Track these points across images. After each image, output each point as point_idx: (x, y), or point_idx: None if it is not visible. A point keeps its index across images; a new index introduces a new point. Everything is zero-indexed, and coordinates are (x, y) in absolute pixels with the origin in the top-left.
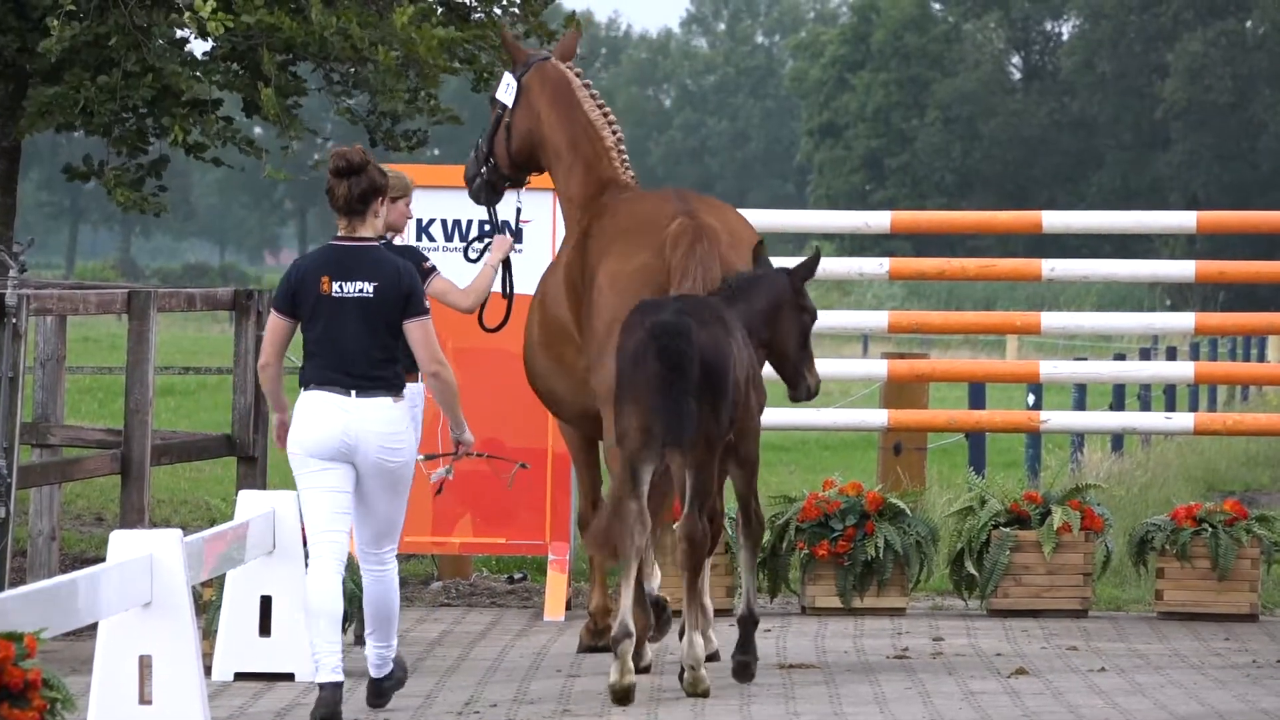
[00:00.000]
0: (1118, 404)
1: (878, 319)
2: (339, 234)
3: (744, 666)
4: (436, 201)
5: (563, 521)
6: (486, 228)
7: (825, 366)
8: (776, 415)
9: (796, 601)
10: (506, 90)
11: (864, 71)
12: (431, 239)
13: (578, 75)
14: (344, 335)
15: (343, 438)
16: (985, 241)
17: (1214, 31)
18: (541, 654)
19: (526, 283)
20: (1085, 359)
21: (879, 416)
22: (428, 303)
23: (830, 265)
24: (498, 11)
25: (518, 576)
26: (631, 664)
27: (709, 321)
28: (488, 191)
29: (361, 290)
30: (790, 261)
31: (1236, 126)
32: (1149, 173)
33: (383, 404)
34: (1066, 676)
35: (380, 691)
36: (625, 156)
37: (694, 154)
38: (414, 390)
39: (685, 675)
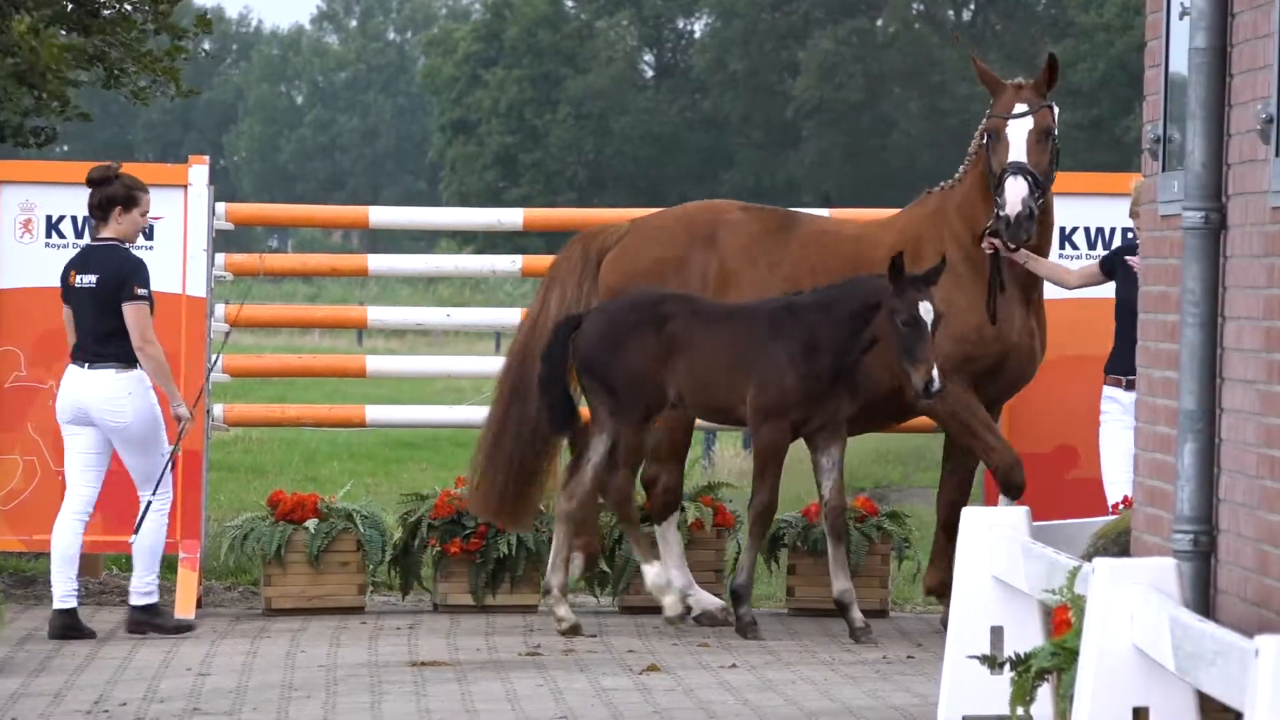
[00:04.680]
0: None
1: (510, 316)
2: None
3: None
4: (63, 198)
5: (193, 520)
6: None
7: (457, 364)
8: (405, 412)
9: (428, 599)
10: (1056, 121)
11: (497, 68)
12: (62, 235)
13: None
14: (82, 318)
15: (75, 404)
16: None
17: (845, 30)
18: (172, 652)
19: (156, 278)
20: None
21: None
22: (143, 290)
23: (463, 263)
24: (129, 7)
25: None
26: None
27: (622, 314)
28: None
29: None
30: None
31: (867, 124)
32: (781, 171)
33: (106, 375)
34: (698, 673)
35: (135, 621)
36: None
37: (325, 150)
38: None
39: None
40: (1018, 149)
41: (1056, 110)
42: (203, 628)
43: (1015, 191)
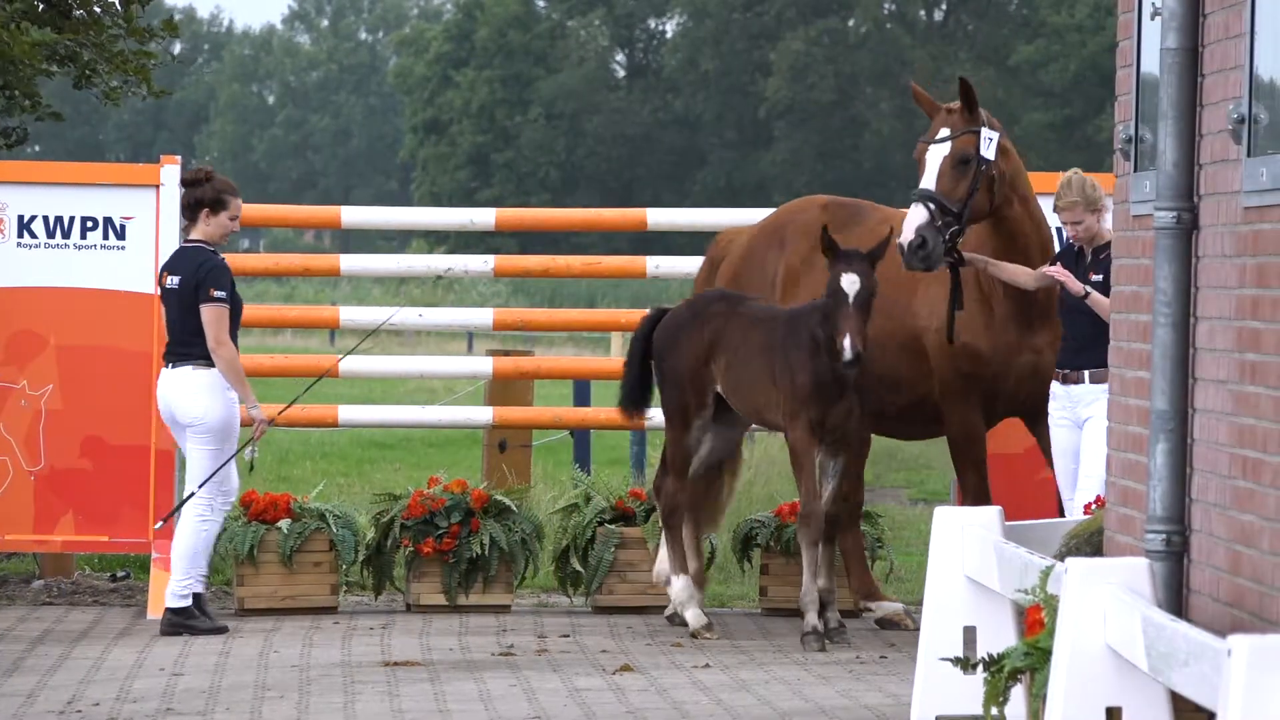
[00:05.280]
0: None
1: (483, 316)
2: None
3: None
4: (35, 198)
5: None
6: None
7: (430, 364)
8: (379, 412)
9: (401, 599)
10: (989, 146)
11: (468, 68)
12: (34, 235)
13: None
14: (169, 318)
15: (163, 403)
16: (589, 239)
17: (816, 30)
18: (145, 652)
19: (127, 278)
20: None
21: (484, 414)
22: (220, 292)
23: (435, 263)
24: (98, 9)
25: (121, 575)
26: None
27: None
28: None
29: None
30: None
31: (839, 124)
32: (753, 171)
33: (184, 372)
34: (671, 673)
35: (170, 623)
36: None
37: (297, 150)
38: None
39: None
40: (929, 175)
41: (989, 135)
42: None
43: (911, 220)
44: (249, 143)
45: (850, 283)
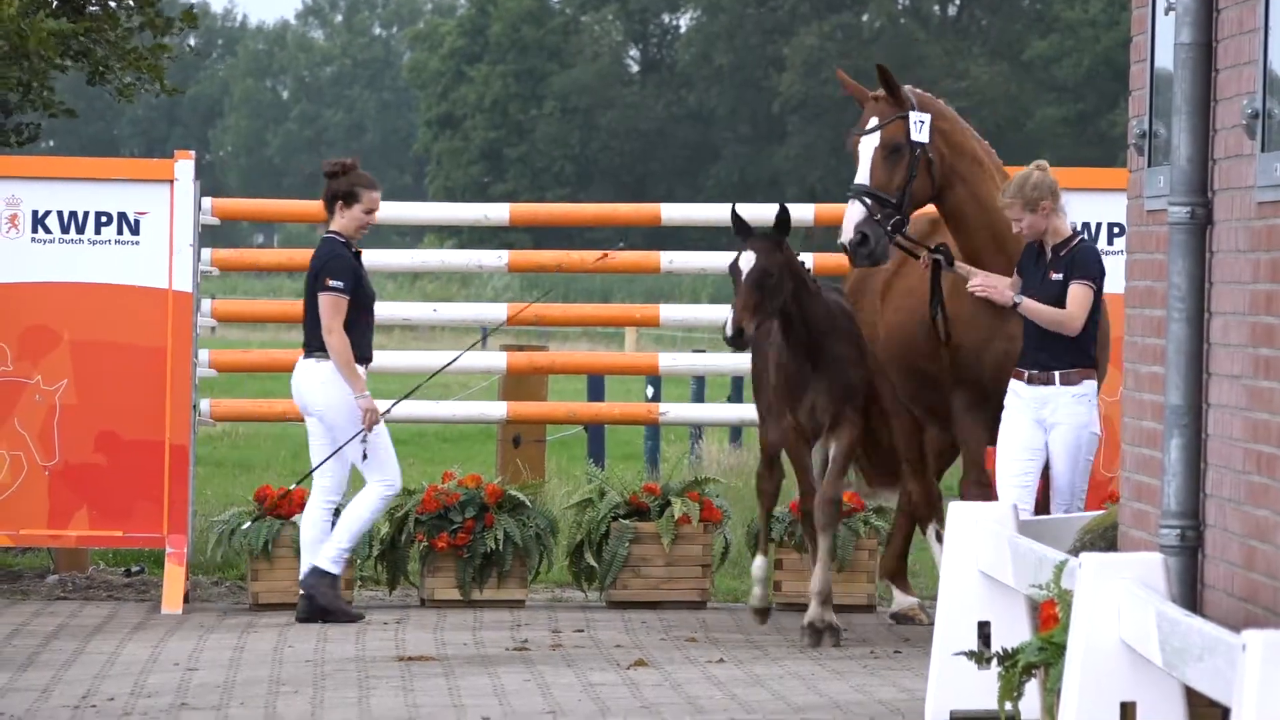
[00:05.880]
0: (736, 396)
1: (497, 311)
2: None
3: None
4: (49, 193)
5: (180, 514)
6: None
7: (446, 359)
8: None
9: (416, 594)
10: (921, 129)
11: (482, 63)
12: (48, 230)
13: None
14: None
15: (293, 391)
16: (604, 234)
17: (830, 25)
18: (159, 647)
19: (142, 273)
20: (704, 351)
21: (498, 409)
22: (335, 282)
23: (449, 258)
24: (113, 4)
25: (135, 569)
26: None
27: None
28: (888, 243)
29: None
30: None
31: (853, 119)
32: (767, 166)
33: (310, 362)
34: (685, 668)
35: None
36: None
37: (311, 145)
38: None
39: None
40: (862, 169)
41: (919, 118)
42: (189, 623)
43: (849, 218)
44: (263, 138)
45: (746, 260)
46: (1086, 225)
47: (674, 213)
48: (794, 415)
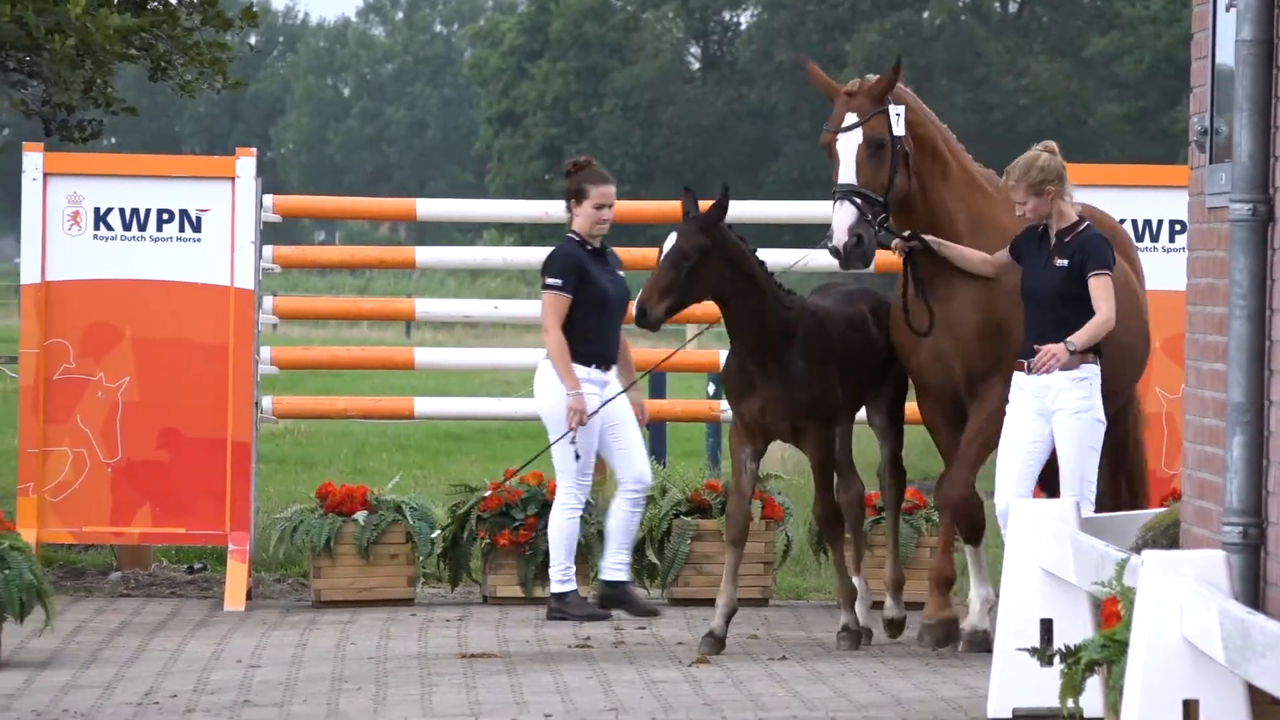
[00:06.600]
0: None
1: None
2: None
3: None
4: (111, 190)
5: (242, 511)
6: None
7: (507, 356)
8: (455, 405)
9: (478, 591)
10: (899, 122)
11: (542, 60)
12: (110, 228)
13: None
14: None
15: None
16: (663, 230)
17: (890, 22)
18: (222, 644)
19: (204, 270)
20: None
21: None
22: (553, 280)
23: (512, 255)
24: (174, 1)
25: (197, 566)
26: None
27: None
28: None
29: None
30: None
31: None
32: (826, 163)
33: (541, 363)
34: (747, 665)
35: (550, 608)
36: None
37: (372, 142)
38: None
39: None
40: (846, 168)
41: (896, 110)
42: (252, 620)
43: (840, 220)
44: (324, 135)
45: (667, 241)
46: (1149, 222)
47: (733, 210)
48: (736, 413)
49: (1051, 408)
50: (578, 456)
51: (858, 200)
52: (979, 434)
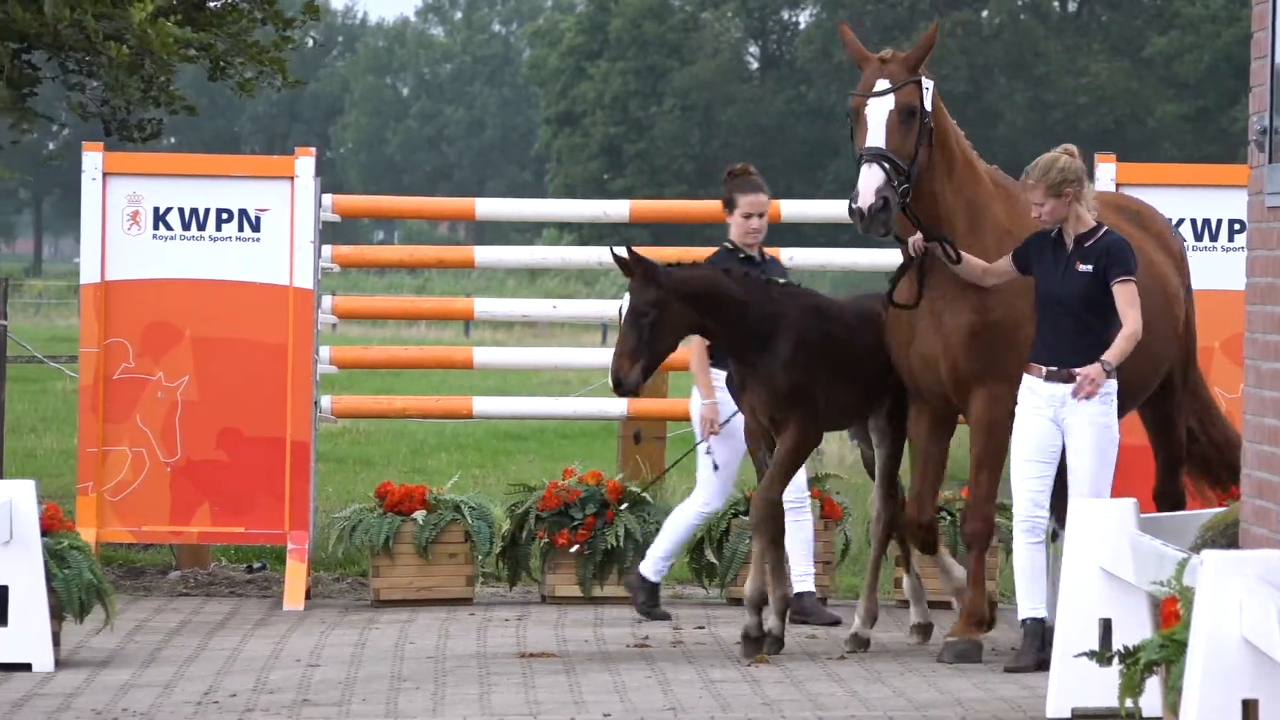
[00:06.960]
0: None
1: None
2: None
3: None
4: (170, 190)
5: (301, 510)
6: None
7: (565, 356)
8: (514, 404)
9: (537, 590)
10: (929, 97)
11: (601, 60)
12: (169, 227)
13: None
14: None
15: None
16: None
17: (950, 21)
18: (281, 643)
19: (262, 270)
20: None
21: (618, 405)
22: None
23: (570, 255)
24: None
25: (257, 566)
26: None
27: None
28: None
29: None
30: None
31: (973, 116)
32: None
33: None
34: (806, 664)
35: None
36: None
37: (431, 142)
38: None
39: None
40: (875, 132)
41: (928, 84)
42: (311, 619)
43: (868, 182)
44: (383, 135)
45: (624, 303)
46: (1207, 222)
47: (792, 209)
48: (743, 413)
49: (1068, 420)
50: (716, 467)
51: (885, 164)
52: (986, 457)
